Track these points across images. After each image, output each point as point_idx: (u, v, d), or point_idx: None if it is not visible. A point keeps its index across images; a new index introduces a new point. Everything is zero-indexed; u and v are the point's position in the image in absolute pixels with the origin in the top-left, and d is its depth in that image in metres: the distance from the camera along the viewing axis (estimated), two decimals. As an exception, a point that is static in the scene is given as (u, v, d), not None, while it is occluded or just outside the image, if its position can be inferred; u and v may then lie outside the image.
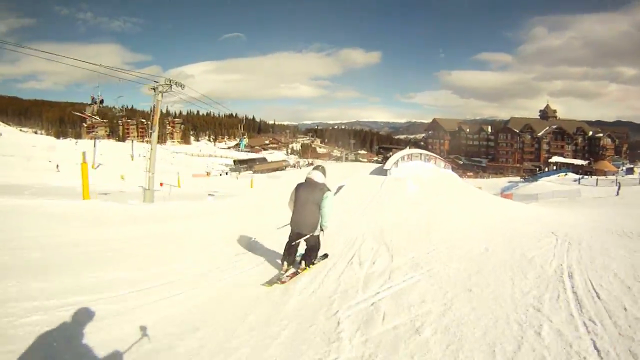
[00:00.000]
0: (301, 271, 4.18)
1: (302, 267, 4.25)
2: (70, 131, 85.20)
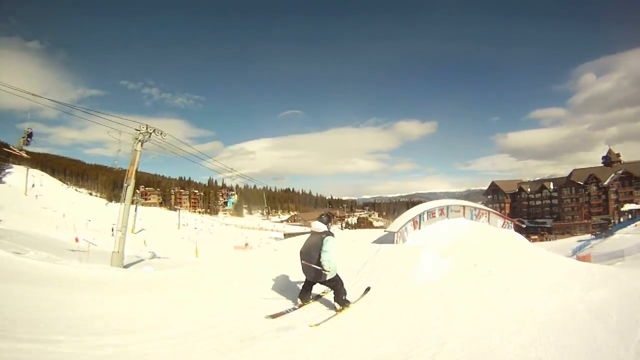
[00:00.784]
0: (339, 312, 4.40)
1: (339, 308, 4.45)
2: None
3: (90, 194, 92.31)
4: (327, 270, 4.23)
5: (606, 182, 65.08)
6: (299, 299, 4.63)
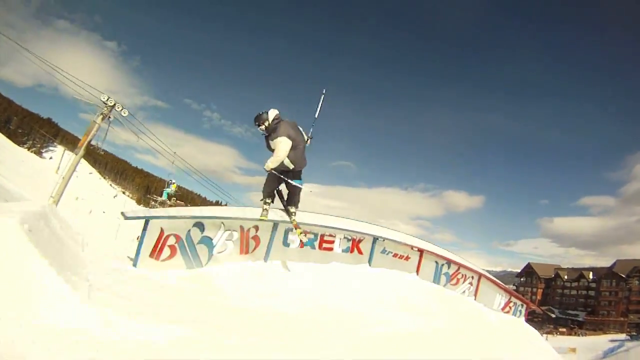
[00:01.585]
0: None
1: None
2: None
3: (123, 192, 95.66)
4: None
5: (652, 277, 57.51)
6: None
